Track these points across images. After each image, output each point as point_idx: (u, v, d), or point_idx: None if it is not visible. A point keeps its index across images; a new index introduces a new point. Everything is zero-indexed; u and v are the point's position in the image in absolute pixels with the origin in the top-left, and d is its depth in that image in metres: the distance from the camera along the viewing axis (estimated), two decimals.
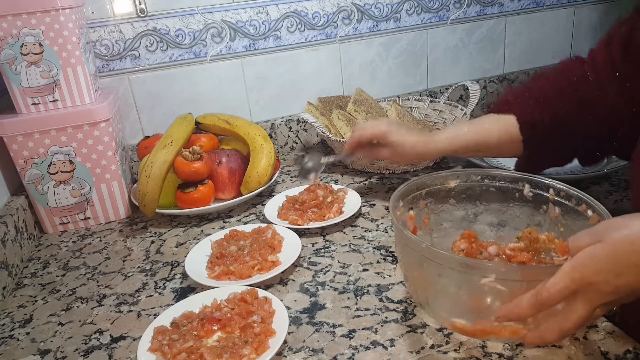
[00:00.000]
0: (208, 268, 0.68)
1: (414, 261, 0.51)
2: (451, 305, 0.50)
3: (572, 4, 1.41)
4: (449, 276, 0.48)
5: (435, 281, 0.49)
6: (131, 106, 1.05)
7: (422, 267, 0.50)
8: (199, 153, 0.84)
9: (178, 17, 1.03)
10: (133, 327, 0.61)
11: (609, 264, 0.39)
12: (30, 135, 0.81)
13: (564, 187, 0.56)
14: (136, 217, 0.91)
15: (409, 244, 0.50)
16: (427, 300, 0.51)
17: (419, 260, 0.50)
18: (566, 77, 0.68)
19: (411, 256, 0.51)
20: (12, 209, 0.80)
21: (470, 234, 0.58)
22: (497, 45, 1.36)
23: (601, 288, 0.39)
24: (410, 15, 1.22)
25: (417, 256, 0.50)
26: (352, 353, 0.52)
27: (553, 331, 0.42)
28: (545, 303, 0.41)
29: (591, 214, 0.51)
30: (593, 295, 0.40)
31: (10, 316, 0.65)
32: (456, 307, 0.50)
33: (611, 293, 0.39)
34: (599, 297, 0.40)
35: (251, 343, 0.52)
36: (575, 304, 0.40)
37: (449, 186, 0.62)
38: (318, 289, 0.64)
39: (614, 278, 0.39)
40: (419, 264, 0.50)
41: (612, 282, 0.39)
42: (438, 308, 0.51)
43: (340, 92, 1.22)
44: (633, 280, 0.39)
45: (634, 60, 0.61)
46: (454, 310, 0.50)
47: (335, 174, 1.02)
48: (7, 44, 0.78)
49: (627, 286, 0.39)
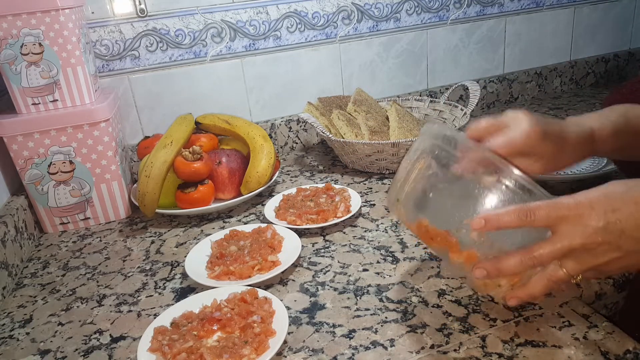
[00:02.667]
0: (208, 268, 0.68)
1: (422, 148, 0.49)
2: (428, 202, 0.48)
3: (572, 4, 1.41)
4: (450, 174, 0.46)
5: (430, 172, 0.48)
6: (131, 106, 1.05)
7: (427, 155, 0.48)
8: (199, 153, 0.84)
9: (178, 17, 1.03)
10: (133, 327, 0.61)
11: (606, 199, 0.38)
12: (30, 135, 0.81)
13: None
14: (136, 217, 0.91)
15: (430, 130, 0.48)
16: (406, 188, 0.49)
17: (431, 147, 0.48)
18: None
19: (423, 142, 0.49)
20: (12, 209, 0.80)
21: None
22: (497, 45, 1.36)
23: (590, 222, 0.38)
24: (410, 15, 1.23)
25: (430, 142, 0.48)
26: (352, 353, 0.52)
27: (539, 283, 0.42)
28: (534, 265, 0.40)
29: None
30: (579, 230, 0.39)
31: (10, 316, 0.65)
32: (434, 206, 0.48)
33: (600, 230, 0.38)
34: (586, 235, 0.39)
35: (251, 343, 0.52)
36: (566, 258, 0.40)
37: None
38: (318, 289, 0.64)
39: (610, 213, 0.38)
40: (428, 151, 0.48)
41: (605, 218, 0.38)
42: (411, 201, 0.49)
43: (340, 92, 1.22)
44: (626, 220, 0.38)
45: None
46: (426, 208, 0.48)
47: (335, 174, 1.02)
48: (7, 44, 0.78)
49: (618, 225, 0.38)
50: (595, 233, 0.38)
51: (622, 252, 0.39)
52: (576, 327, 0.53)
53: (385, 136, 1.00)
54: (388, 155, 0.95)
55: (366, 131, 1.01)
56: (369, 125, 1.03)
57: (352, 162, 1.01)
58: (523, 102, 1.43)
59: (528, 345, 0.51)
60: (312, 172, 1.05)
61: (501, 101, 1.41)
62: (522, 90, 1.43)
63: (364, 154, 0.95)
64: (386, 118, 1.09)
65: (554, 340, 0.51)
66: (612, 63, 1.52)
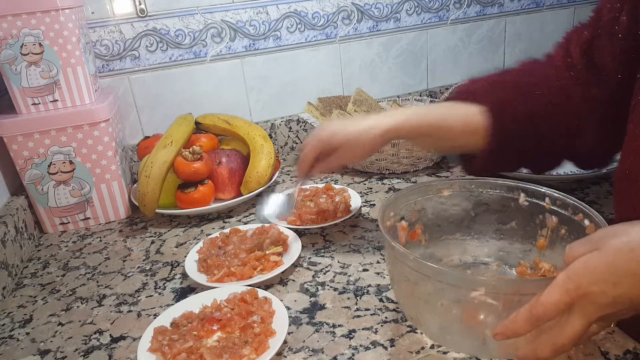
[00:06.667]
0: (202, 272, 0.68)
1: (403, 275, 0.50)
2: (441, 321, 0.49)
3: (572, 4, 1.41)
4: (439, 290, 0.47)
5: (425, 296, 0.48)
6: (131, 106, 1.05)
7: (410, 280, 0.49)
8: (199, 153, 0.84)
9: (178, 17, 1.03)
10: (133, 327, 0.61)
11: (605, 273, 0.37)
12: (30, 135, 0.81)
13: (560, 196, 0.53)
14: (136, 217, 0.91)
15: (397, 256, 0.49)
16: (417, 316, 0.50)
17: (408, 273, 0.48)
18: (533, 75, 0.64)
19: (400, 269, 0.50)
20: (12, 209, 0.80)
21: None
22: (497, 45, 1.36)
23: (597, 300, 0.37)
24: (410, 15, 1.23)
25: (406, 269, 0.48)
26: (352, 353, 0.52)
27: (546, 346, 0.40)
28: (541, 318, 0.39)
29: (588, 224, 0.50)
30: (589, 307, 0.38)
31: (10, 316, 0.65)
32: (447, 322, 0.49)
33: (608, 305, 0.37)
34: (595, 310, 0.38)
35: (251, 343, 0.52)
36: (571, 317, 0.38)
37: (443, 195, 0.60)
38: (318, 289, 0.64)
39: (611, 288, 0.37)
40: (408, 277, 0.49)
41: (609, 293, 0.37)
42: (428, 323, 0.50)
43: (340, 92, 1.22)
44: (631, 290, 0.37)
45: (597, 67, 0.58)
46: (444, 326, 0.49)
47: (335, 174, 1.02)
48: (7, 44, 0.78)
49: (625, 297, 0.37)
50: (606, 307, 0.38)
51: (635, 308, 0.39)
52: None
53: None
54: (388, 155, 0.95)
55: None
56: None
57: (352, 162, 1.01)
58: None
59: None
60: None
61: None
62: None
63: None
64: None
65: None
66: None
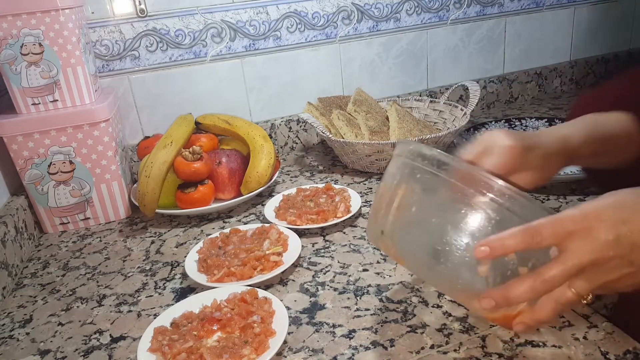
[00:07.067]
0: (202, 272, 0.68)
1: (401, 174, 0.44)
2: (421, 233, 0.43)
3: (572, 4, 1.41)
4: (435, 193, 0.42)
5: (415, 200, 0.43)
6: (131, 106, 1.05)
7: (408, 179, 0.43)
8: (199, 153, 0.84)
9: (178, 17, 1.03)
10: (133, 327, 0.61)
11: (613, 210, 0.35)
12: (30, 135, 0.81)
13: None
14: (136, 217, 0.91)
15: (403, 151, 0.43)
16: (390, 218, 0.43)
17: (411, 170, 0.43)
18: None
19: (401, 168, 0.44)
20: (12, 209, 0.80)
21: None
22: (497, 45, 1.36)
23: (600, 235, 0.35)
24: (410, 15, 1.23)
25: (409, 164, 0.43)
26: (352, 353, 0.52)
27: (547, 307, 0.38)
28: (547, 290, 0.37)
29: None
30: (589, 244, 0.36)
31: (10, 316, 0.65)
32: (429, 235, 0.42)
33: (610, 244, 0.35)
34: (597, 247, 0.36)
35: (251, 343, 0.52)
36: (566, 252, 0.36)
37: None
38: (318, 289, 0.64)
39: (620, 225, 0.35)
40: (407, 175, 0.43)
41: (612, 230, 0.35)
42: (398, 232, 0.44)
43: (340, 92, 1.22)
44: (636, 227, 0.35)
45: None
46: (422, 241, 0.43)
47: (335, 174, 1.02)
48: (7, 44, 0.78)
49: (628, 239, 0.35)
50: (605, 247, 0.35)
51: (634, 267, 0.36)
52: (576, 327, 0.53)
53: (385, 136, 1.00)
54: (388, 156, 0.95)
55: (366, 131, 1.01)
56: (369, 126, 1.03)
57: (352, 162, 1.01)
58: (523, 102, 1.43)
59: (528, 346, 0.51)
60: (312, 172, 1.05)
61: (501, 101, 1.41)
62: (522, 90, 1.43)
63: (363, 154, 0.95)
64: (386, 118, 1.09)
65: (554, 341, 0.51)
66: (612, 63, 1.52)
